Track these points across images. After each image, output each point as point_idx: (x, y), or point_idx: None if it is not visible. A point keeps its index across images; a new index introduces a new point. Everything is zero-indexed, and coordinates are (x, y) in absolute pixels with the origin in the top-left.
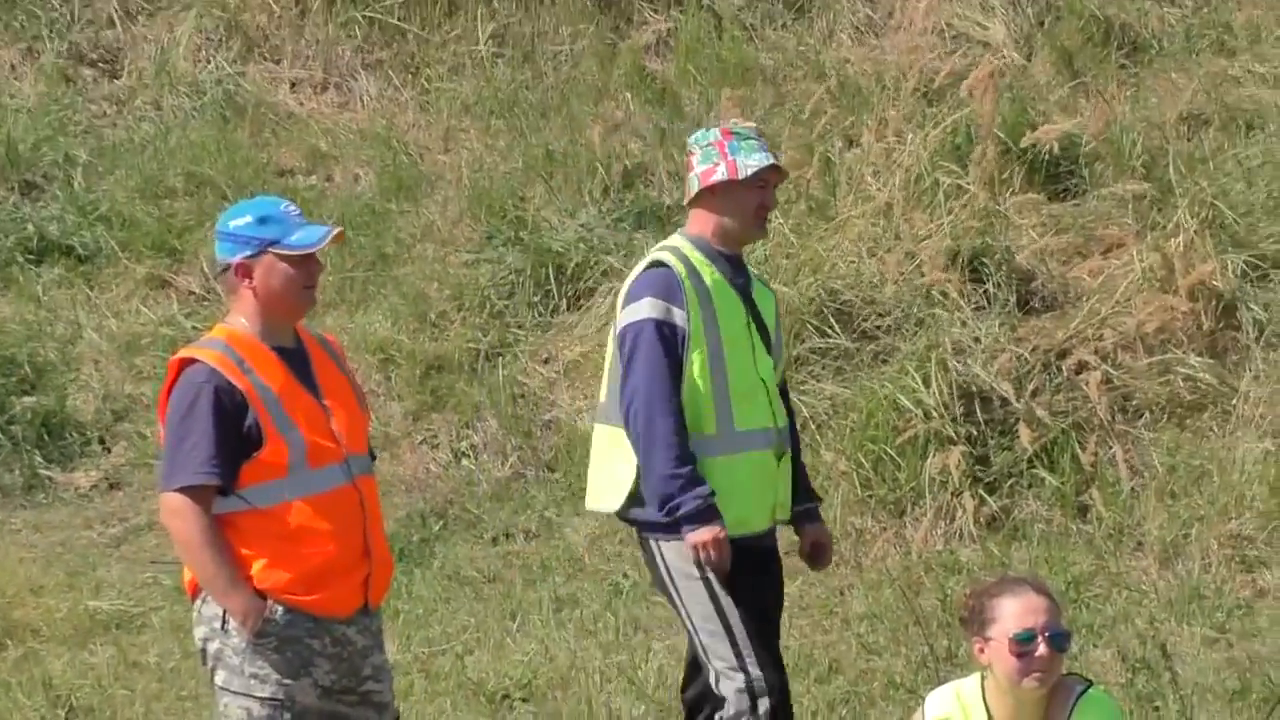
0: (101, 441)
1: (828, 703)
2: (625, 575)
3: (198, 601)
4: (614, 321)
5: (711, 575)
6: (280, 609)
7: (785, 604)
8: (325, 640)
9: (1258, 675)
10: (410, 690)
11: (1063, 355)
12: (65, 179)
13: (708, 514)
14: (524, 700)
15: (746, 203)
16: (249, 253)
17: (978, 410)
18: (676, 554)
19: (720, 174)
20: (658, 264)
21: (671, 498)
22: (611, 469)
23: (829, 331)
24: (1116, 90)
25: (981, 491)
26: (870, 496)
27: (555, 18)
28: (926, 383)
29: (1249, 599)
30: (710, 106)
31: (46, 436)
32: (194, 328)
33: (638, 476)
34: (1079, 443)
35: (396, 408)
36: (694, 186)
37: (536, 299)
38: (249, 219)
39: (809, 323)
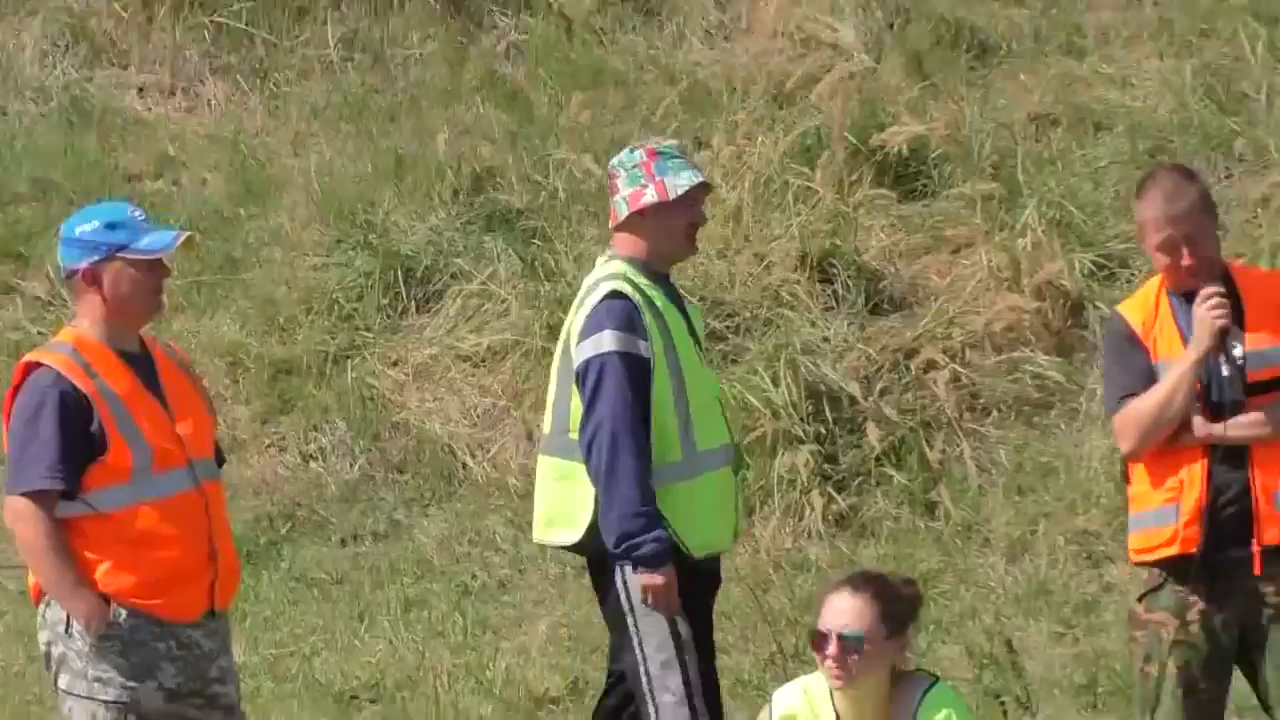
0: None
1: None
2: (473, 576)
3: (42, 606)
4: (567, 352)
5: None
6: (124, 613)
7: None
8: (171, 644)
9: (1104, 669)
10: (258, 692)
11: (911, 354)
12: None
13: (662, 557)
14: (372, 701)
15: (677, 223)
16: (97, 258)
17: (826, 409)
18: (631, 582)
19: (650, 196)
20: (616, 294)
21: (631, 536)
22: (565, 502)
23: None
24: (965, 92)
25: (830, 490)
26: None
27: (405, 22)
28: (775, 382)
29: (1095, 594)
30: (560, 110)
31: None
32: (40, 333)
33: (597, 508)
34: (927, 441)
35: (244, 411)
36: (623, 210)
37: (385, 302)
38: (96, 224)
39: None
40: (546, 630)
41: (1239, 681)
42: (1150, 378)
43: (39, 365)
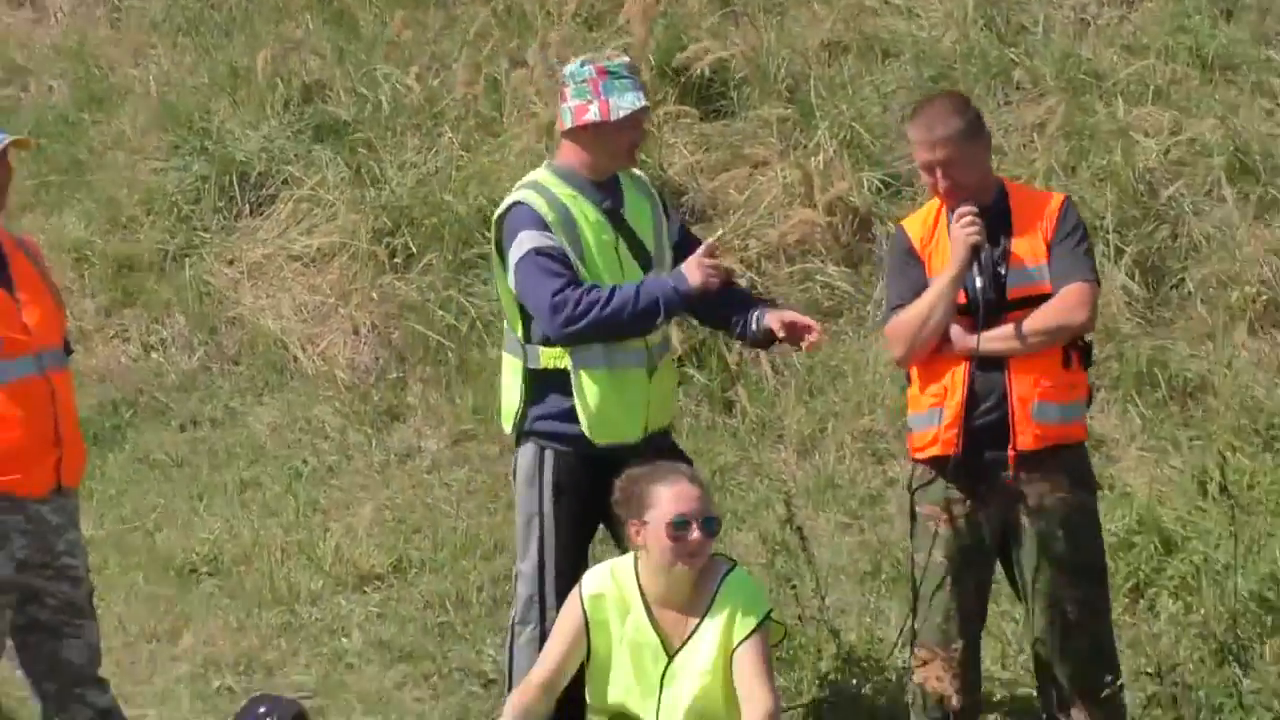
0: None
1: (492, 579)
2: (304, 461)
3: None
4: (501, 263)
5: (546, 486)
6: None
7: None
8: (20, 518)
9: (887, 557)
10: (105, 564)
11: None
12: None
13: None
14: (210, 575)
15: (618, 141)
16: None
17: None
18: (522, 459)
19: (593, 114)
20: (516, 203)
21: (655, 303)
22: (504, 392)
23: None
24: (764, 19)
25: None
26: None
27: None
28: None
29: (879, 488)
30: (384, 27)
31: None
32: None
33: (520, 403)
34: (725, 344)
35: (90, 304)
36: (567, 120)
37: (221, 205)
38: None
39: (477, 231)
40: (372, 512)
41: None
42: (923, 290)
43: None
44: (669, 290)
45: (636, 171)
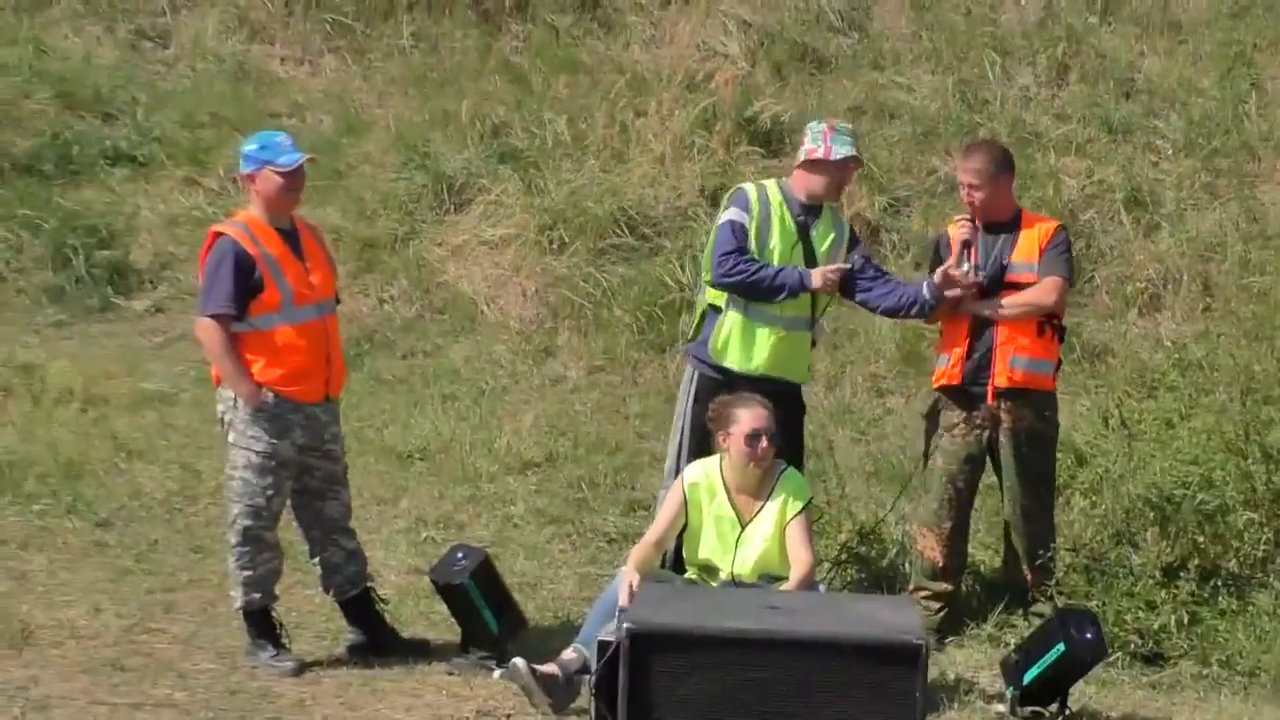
0: (152, 282)
1: (614, 469)
2: (486, 383)
3: (220, 388)
4: None
5: (689, 395)
6: (271, 395)
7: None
8: (300, 416)
9: (885, 463)
10: (348, 450)
11: None
12: (132, 113)
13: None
14: (420, 459)
15: (830, 175)
16: (254, 168)
17: None
18: (685, 373)
19: (819, 153)
20: (740, 189)
21: (783, 284)
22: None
23: (622, 233)
24: (808, 89)
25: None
26: (642, 339)
27: (452, 23)
28: (682, 268)
29: (880, 414)
30: (550, 86)
31: (116, 277)
32: (213, 211)
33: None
34: None
35: (342, 270)
36: (800, 156)
37: (434, 205)
38: (255, 146)
39: (609, 228)
40: (531, 420)
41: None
42: None
43: (222, 234)
44: (796, 279)
45: (838, 210)
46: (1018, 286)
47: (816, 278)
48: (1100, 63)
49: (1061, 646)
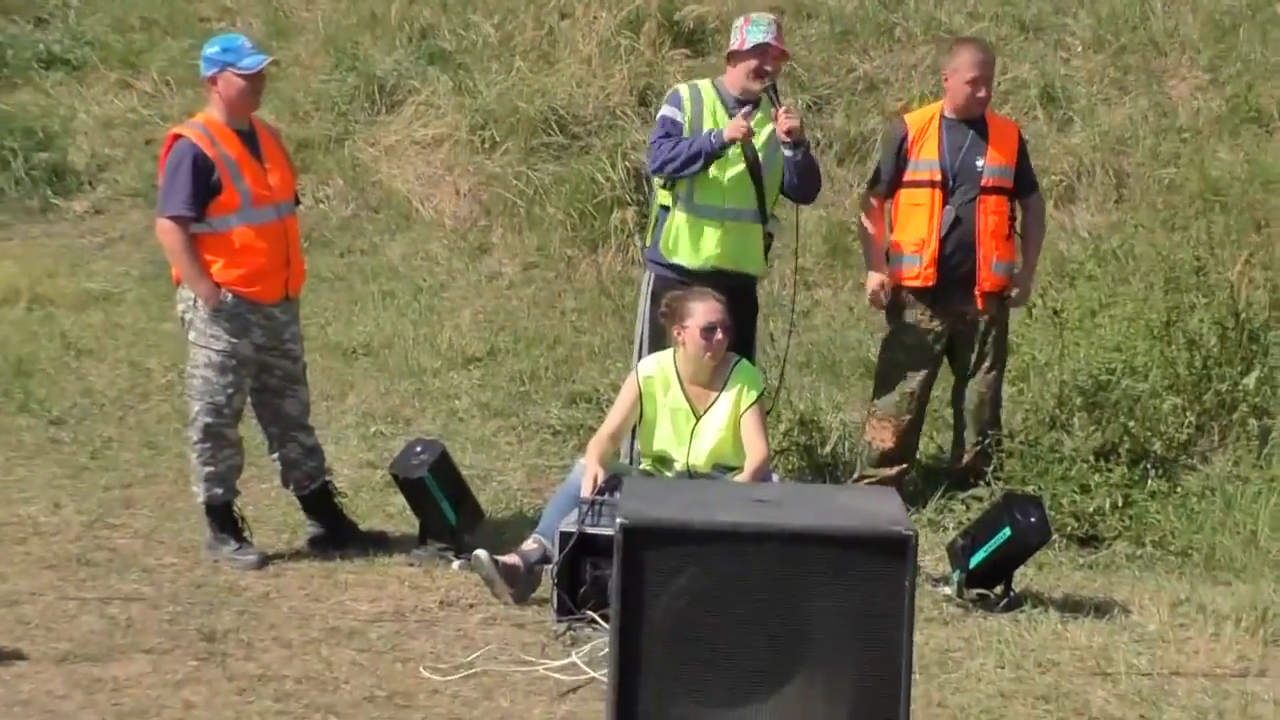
0: (90, 183)
1: (554, 362)
2: (424, 280)
3: (180, 288)
4: None
5: (646, 294)
6: (230, 295)
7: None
8: (259, 316)
9: (816, 352)
10: None
11: None
12: (64, 16)
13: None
14: (365, 355)
15: (747, 65)
16: (215, 70)
17: (643, 184)
18: (645, 275)
19: (735, 43)
20: (675, 89)
21: (701, 147)
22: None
23: (553, 132)
24: None
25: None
26: (575, 236)
27: None
28: (612, 167)
29: (809, 307)
30: None
31: (55, 178)
32: (148, 113)
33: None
34: None
35: None
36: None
37: (366, 106)
38: (217, 48)
39: (540, 127)
40: (470, 315)
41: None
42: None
43: (180, 136)
44: (711, 137)
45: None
46: (989, 190)
47: (730, 129)
48: None
49: (1008, 530)
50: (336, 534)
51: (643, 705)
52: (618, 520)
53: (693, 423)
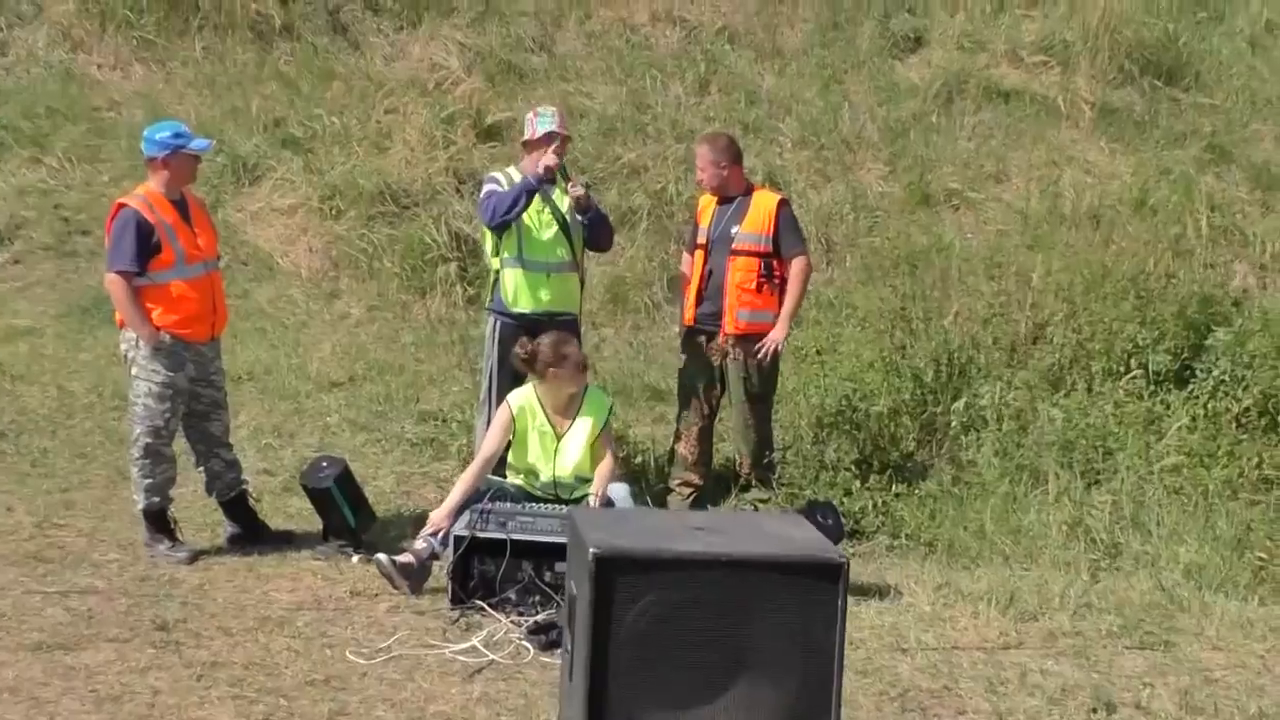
0: (9, 239)
1: (403, 386)
2: (288, 319)
3: (123, 331)
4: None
5: (494, 340)
6: (168, 336)
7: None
8: (191, 353)
9: (610, 379)
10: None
11: None
12: None
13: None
14: (250, 380)
15: (540, 150)
16: (168, 151)
17: (462, 245)
18: (488, 322)
19: (527, 134)
20: (491, 175)
21: (518, 191)
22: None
23: (387, 203)
24: (514, 96)
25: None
26: (409, 284)
27: None
28: (437, 230)
29: (598, 343)
30: (315, 91)
31: None
32: (54, 184)
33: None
34: None
35: None
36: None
37: (234, 180)
38: (169, 133)
39: (377, 199)
40: (329, 348)
41: None
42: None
43: (125, 204)
44: (525, 182)
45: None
46: (741, 253)
47: (542, 163)
48: (732, 78)
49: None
50: (252, 533)
51: (611, 708)
52: (590, 550)
53: (555, 444)
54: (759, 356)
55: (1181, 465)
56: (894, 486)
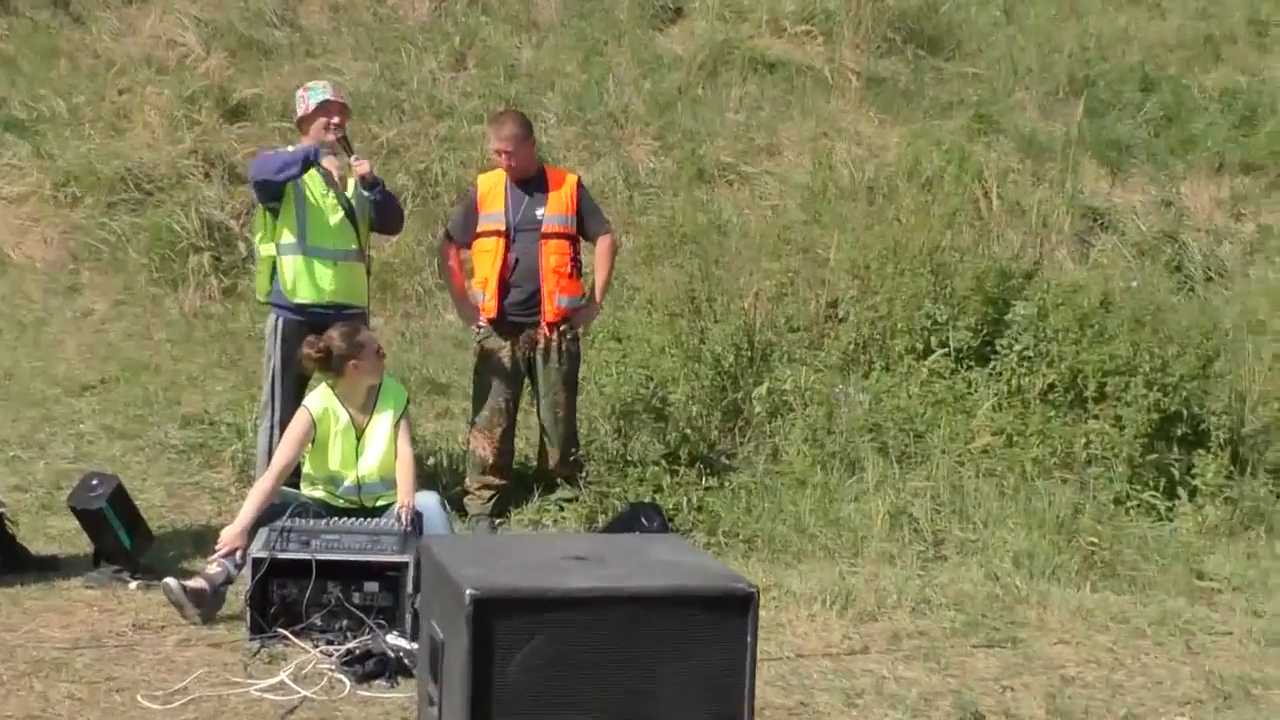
0: None
1: (162, 388)
2: (25, 316)
3: None
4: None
5: (277, 337)
6: None
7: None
8: None
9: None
10: None
11: None
12: None
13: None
14: None
15: (319, 123)
16: None
17: (214, 233)
18: (269, 320)
19: (300, 110)
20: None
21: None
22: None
23: (129, 189)
24: (259, 73)
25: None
26: (159, 277)
27: None
28: (187, 218)
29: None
30: (38, 70)
31: None
32: None
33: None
34: None
35: None
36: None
37: None
38: None
39: (117, 185)
40: (74, 348)
41: None
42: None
43: None
44: (304, 150)
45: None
46: (550, 235)
47: (327, 136)
48: (489, 52)
49: (636, 534)
50: (11, 561)
51: None
52: (466, 591)
53: (355, 440)
54: (569, 338)
55: (992, 447)
56: (704, 480)
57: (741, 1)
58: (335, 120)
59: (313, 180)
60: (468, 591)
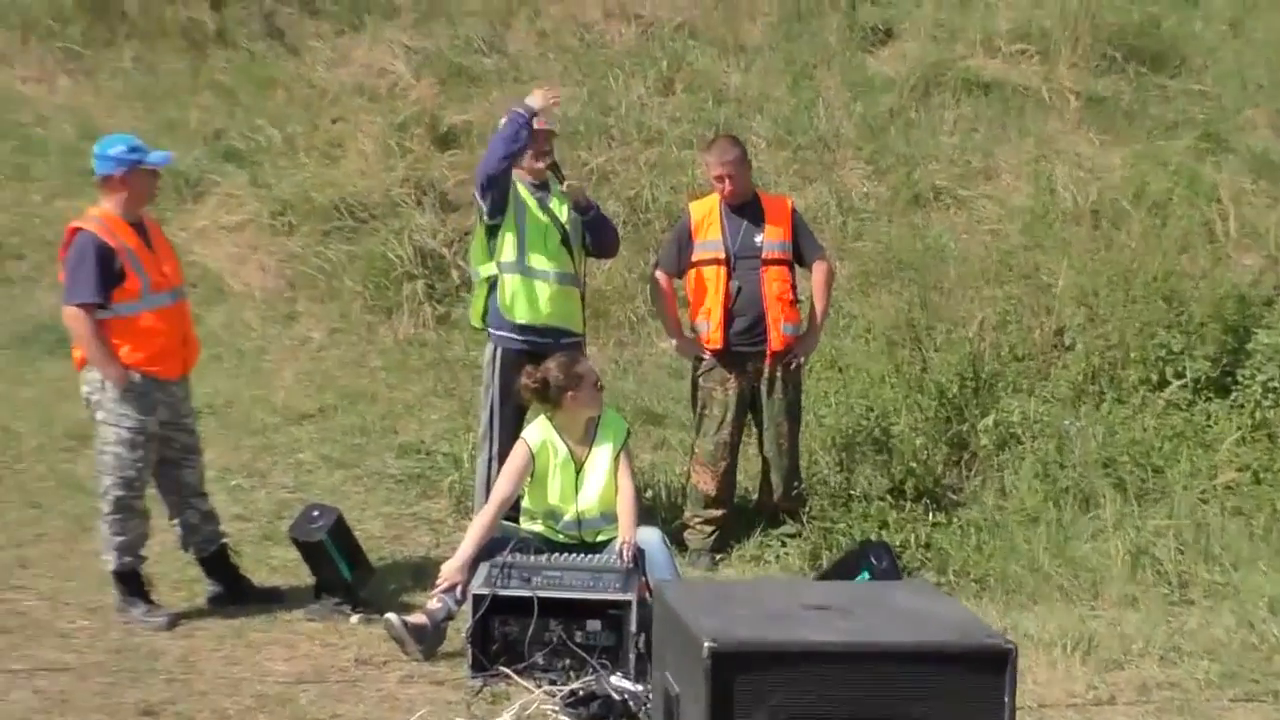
0: None
1: (379, 416)
2: (244, 345)
3: (84, 371)
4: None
5: (497, 366)
6: (138, 375)
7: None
8: (163, 393)
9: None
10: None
11: None
12: None
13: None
14: (210, 414)
15: (527, 152)
16: (125, 168)
17: (427, 260)
18: (488, 347)
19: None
20: None
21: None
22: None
23: (344, 217)
24: (468, 100)
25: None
26: (373, 304)
27: None
28: (400, 245)
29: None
30: (256, 100)
31: None
32: None
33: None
34: None
35: None
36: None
37: (175, 198)
38: (124, 148)
39: (332, 213)
40: (292, 375)
41: None
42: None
43: (81, 229)
44: (520, 109)
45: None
46: (770, 262)
47: (537, 99)
48: (696, 76)
49: (866, 575)
50: (236, 592)
51: None
52: (705, 644)
53: (574, 473)
54: (792, 368)
55: (1238, 483)
56: (931, 515)
57: (954, 21)
58: (545, 148)
59: (531, 201)
60: (706, 644)
